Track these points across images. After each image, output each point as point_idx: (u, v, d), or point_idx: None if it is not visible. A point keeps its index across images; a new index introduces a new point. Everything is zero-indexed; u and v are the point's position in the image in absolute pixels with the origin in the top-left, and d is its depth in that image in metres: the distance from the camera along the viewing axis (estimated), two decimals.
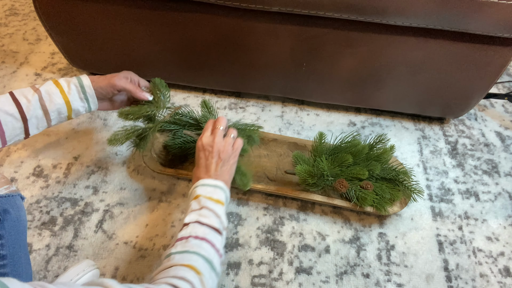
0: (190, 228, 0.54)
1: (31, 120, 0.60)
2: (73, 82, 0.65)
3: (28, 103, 0.59)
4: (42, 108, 0.61)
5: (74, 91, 0.64)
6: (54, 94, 0.62)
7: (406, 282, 0.72)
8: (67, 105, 0.64)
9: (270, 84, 0.96)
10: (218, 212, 0.57)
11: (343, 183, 0.74)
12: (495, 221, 0.82)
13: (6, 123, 0.57)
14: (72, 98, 0.64)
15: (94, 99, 0.67)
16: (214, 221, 0.56)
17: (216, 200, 0.59)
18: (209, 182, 0.61)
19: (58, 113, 0.63)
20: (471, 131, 1.00)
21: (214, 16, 0.80)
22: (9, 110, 0.58)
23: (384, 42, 0.79)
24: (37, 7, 0.84)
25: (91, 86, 0.66)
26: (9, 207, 0.53)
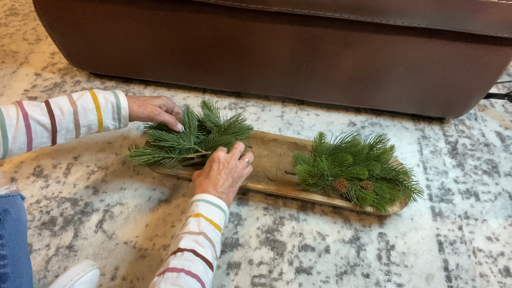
0: (184, 258, 0.52)
1: (61, 132, 0.61)
2: (111, 101, 0.65)
3: (61, 115, 0.60)
4: (74, 122, 0.62)
5: (110, 110, 0.65)
6: (90, 111, 0.63)
7: (406, 282, 0.72)
8: (99, 122, 0.64)
9: (270, 84, 0.96)
10: (214, 240, 0.57)
11: (343, 183, 0.74)
12: (495, 221, 0.82)
13: (35, 131, 0.58)
14: (106, 116, 0.65)
15: (126, 121, 0.68)
16: (209, 252, 0.55)
17: (216, 225, 0.59)
18: (214, 201, 0.61)
19: (88, 128, 0.64)
20: (471, 131, 1.00)
21: (214, 16, 0.80)
22: (41, 121, 0.58)
23: (384, 42, 0.79)
24: (37, 7, 0.84)
25: (127, 110, 0.67)
26: (9, 207, 0.53)
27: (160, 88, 1.05)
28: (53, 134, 0.60)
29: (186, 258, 0.52)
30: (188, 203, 0.80)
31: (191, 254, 0.53)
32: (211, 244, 0.56)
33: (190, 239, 0.55)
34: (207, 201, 0.61)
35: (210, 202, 0.61)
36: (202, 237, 0.56)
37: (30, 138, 0.57)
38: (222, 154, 0.67)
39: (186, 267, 0.51)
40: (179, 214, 0.79)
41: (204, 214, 0.59)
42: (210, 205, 0.61)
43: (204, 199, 0.61)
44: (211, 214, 0.59)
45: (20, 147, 0.57)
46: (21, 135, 0.56)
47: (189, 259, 0.52)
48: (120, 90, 0.69)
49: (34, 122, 0.57)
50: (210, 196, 0.62)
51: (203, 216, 0.58)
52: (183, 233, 0.56)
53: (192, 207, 0.61)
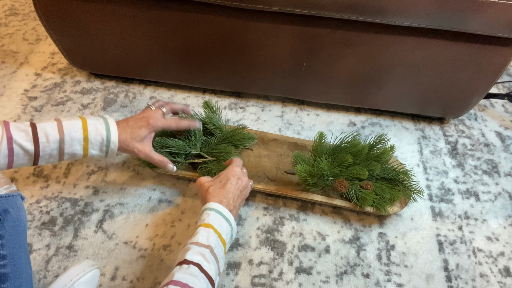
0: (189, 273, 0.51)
1: (43, 157, 0.60)
2: (101, 134, 0.62)
3: (46, 143, 0.58)
4: (59, 150, 0.60)
5: (98, 142, 0.62)
6: (77, 141, 0.61)
7: (406, 282, 0.72)
8: (84, 152, 0.62)
9: (270, 84, 0.96)
10: (219, 256, 0.57)
11: (343, 183, 0.74)
12: (495, 221, 0.82)
13: (18, 154, 0.57)
14: (92, 148, 0.62)
15: (113, 153, 0.65)
16: (213, 269, 0.55)
17: (223, 240, 0.59)
18: (226, 214, 0.61)
19: (72, 156, 0.62)
20: (471, 131, 1.00)
21: (214, 16, 0.80)
22: (25, 146, 0.57)
23: (384, 42, 0.79)
24: (37, 7, 0.84)
25: (117, 144, 0.64)
26: (9, 207, 0.53)
27: (160, 88, 1.05)
28: (35, 158, 0.59)
29: (191, 272, 0.52)
30: (189, 203, 0.81)
31: (196, 269, 0.52)
32: (215, 260, 0.56)
33: (197, 251, 0.54)
34: (220, 213, 0.61)
35: (222, 215, 0.61)
36: (209, 251, 0.55)
37: (11, 160, 0.57)
38: (239, 170, 0.69)
39: (190, 283, 0.50)
40: (179, 214, 0.79)
41: (214, 225, 0.58)
42: (222, 217, 0.61)
43: (217, 209, 0.61)
44: (220, 227, 0.59)
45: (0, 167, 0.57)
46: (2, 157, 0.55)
47: (194, 274, 0.52)
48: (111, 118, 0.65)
49: (17, 146, 0.56)
50: (223, 208, 0.62)
51: (213, 228, 0.58)
52: (191, 243, 0.56)
53: (203, 215, 0.60)
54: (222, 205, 0.62)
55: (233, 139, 0.83)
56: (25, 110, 0.97)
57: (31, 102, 0.99)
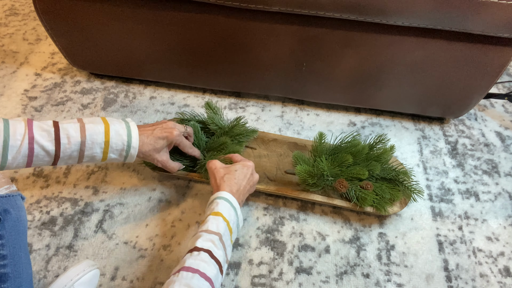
0: (200, 259, 0.53)
1: (63, 158, 0.59)
2: (122, 139, 0.62)
3: (68, 144, 0.58)
4: (79, 152, 0.60)
5: (119, 148, 0.62)
6: (98, 144, 0.60)
7: (406, 282, 0.72)
8: (103, 156, 0.62)
9: (270, 84, 0.96)
10: (226, 244, 0.58)
11: (343, 183, 0.74)
12: (495, 221, 0.82)
13: (38, 155, 0.57)
14: (112, 152, 0.62)
15: (132, 159, 0.65)
16: (222, 255, 0.56)
17: (230, 229, 0.60)
18: (235, 204, 0.63)
19: (91, 159, 0.62)
20: (471, 131, 1.00)
21: (214, 16, 0.80)
22: (46, 147, 0.56)
23: (384, 42, 0.79)
24: (37, 7, 0.84)
25: (137, 149, 0.64)
26: (9, 207, 0.53)
27: (160, 88, 1.05)
28: (55, 159, 0.59)
29: (202, 258, 0.53)
30: (189, 203, 0.81)
31: (207, 255, 0.54)
32: (223, 247, 0.57)
33: (208, 238, 0.56)
34: (229, 202, 0.62)
35: (231, 204, 0.62)
36: (218, 238, 0.57)
37: (30, 160, 0.56)
38: (253, 165, 0.70)
39: (201, 268, 0.51)
40: (179, 214, 0.79)
41: (223, 214, 0.60)
42: (230, 206, 0.62)
43: (227, 198, 0.62)
44: (229, 216, 0.61)
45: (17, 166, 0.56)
46: (22, 157, 0.55)
47: (204, 260, 0.53)
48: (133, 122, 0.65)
49: (38, 147, 0.56)
50: (234, 199, 0.63)
51: (223, 216, 0.59)
52: (201, 231, 0.57)
53: (213, 204, 0.61)
54: (233, 196, 0.63)
55: (234, 132, 0.83)
56: (25, 110, 0.96)
57: (31, 102, 0.99)
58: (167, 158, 0.70)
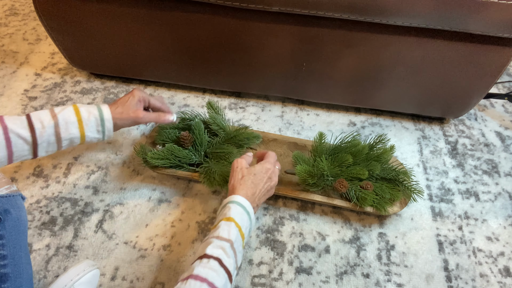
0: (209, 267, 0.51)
1: (42, 145, 0.60)
2: (94, 114, 0.64)
3: (42, 128, 0.59)
4: (55, 135, 0.61)
5: (93, 123, 0.64)
6: (71, 124, 0.62)
7: (406, 282, 0.72)
8: (81, 135, 0.64)
9: (270, 84, 0.96)
10: (237, 250, 0.57)
11: (343, 183, 0.74)
12: (495, 221, 0.82)
13: (16, 145, 0.57)
14: (88, 130, 0.64)
15: (110, 132, 0.67)
16: (232, 264, 0.55)
17: (242, 234, 0.59)
18: (248, 208, 0.61)
19: (70, 141, 0.63)
20: (471, 131, 1.00)
21: (214, 16, 0.80)
22: (22, 134, 0.57)
23: (384, 42, 0.79)
24: (37, 7, 0.84)
25: (111, 120, 0.66)
26: (10, 207, 0.53)
27: (160, 88, 1.05)
28: (34, 147, 0.59)
29: (211, 267, 0.51)
30: (189, 203, 0.81)
31: (216, 263, 0.52)
32: (234, 254, 0.56)
33: (218, 245, 0.54)
34: (242, 206, 0.60)
35: (244, 208, 0.60)
36: (229, 245, 0.55)
37: (10, 152, 0.57)
38: (273, 168, 0.68)
39: (210, 278, 0.50)
40: (179, 214, 0.79)
41: (236, 219, 0.58)
42: (243, 210, 0.60)
43: (240, 203, 0.61)
44: (241, 221, 0.59)
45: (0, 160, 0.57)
46: (1, 149, 0.56)
47: (214, 269, 0.51)
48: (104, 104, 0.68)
49: (14, 135, 0.57)
50: (248, 203, 0.61)
51: (235, 221, 0.58)
52: (212, 237, 0.56)
53: (225, 209, 0.60)
54: (247, 200, 0.62)
55: (237, 138, 0.83)
56: (25, 110, 0.96)
57: (31, 102, 0.99)
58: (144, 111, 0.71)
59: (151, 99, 0.74)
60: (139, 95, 0.71)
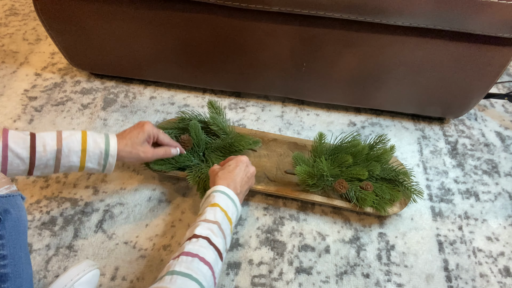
0: (199, 245, 0.54)
1: (39, 166, 0.59)
2: (99, 147, 0.62)
3: (43, 152, 0.58)
4: (55, 160, 0.60)
5: (96, 156, 0.62)
6: (74, 153, 0.61)
7: (406, 282, 0.72)
8: (81, 165, 0.62)
9: (270, 84, 0.96)
10: (226, 232, 0.59)
11: (343, 183, 0.74)
12: (495, 221, 0.82)
13: (12, 163, 0.57)
14: (90, 161, 0.62)
15: (111, 167, 0.65)
16: (221, 243, 0.57)
17: (229, 218, 0.61)
18: (231, 196, 0.64)
19: (68, 168, 0.62)
20: (471, 131, 1.00)
21: (214, 16, 0.80)
22: (20, 154, 0.56)
23: (384, 42, 0.79)
24: (37, 7, 0.85)
25: (116, 156, 0.64)
26: (9, 207, 0.53)
27: (160, 88, 1.05)
28: (31, 167, 0.58)
29: (200, 244, 0.54)
30: (189, 203, 0.81)
31: (205, 241, 0.55)
32: (223, 235, 0.58)
33: (206, 227, 0.57)
34: (226, 194, 0.63)
35: (228, 196, 0.63)
36: (217, 226, 0.58)
37: (4, 168, 0.56)
38: (246, 158, 0.72)
39: (200, 253, 0.53)
40: (179, 214, 0.79)
41: (220, 204, 0.61)
42: (228, 198, 0.63)
43: (223, 191, 0.63)
44: (226, 206, 0.62)
45: None
46: None
47: (203, 246, 0.54)
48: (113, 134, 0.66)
49: (12, 154, 0.56)
50: (230, 191, 0.64)
51: (220, 206, 0.61)
52: (199, 221, 0.58)
53: (210, 197, 0.63)
54: (229, 188, 0.64)
55: (237, 143, 0.82)
56: (25, 110, 0.97)
57: (31, 102, 0.99)
58: (151, 148, 0.70)
59: (160, 135, 0.73)
60: (149, 131, 0.69)
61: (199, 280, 0.50)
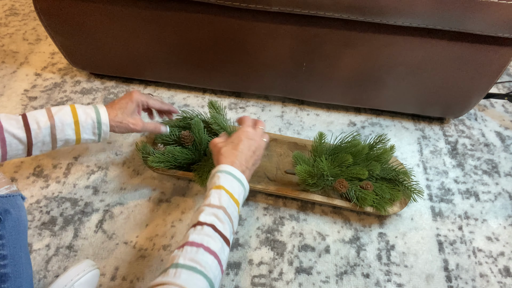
0: (204, 233, 0.52)
1: (37, 145, 0.60)
2: (91, 117, 0.64)
3: (38, 129, 0.59)
4: (51, 136, 0.61)
5: (90, 125, 0.64)
6: (68, 126, 0.62)
7: (406, 282, 0.72)
8: (76, 137, 0.63)
9: (270, 84, 0.96)
10: (233, 215, 0.57)
11: (343, 183, 0.74)
12: (495, 221, 0.82)
13: (10, 144, 0.57)
14: (84, 132, 0.64)
15: (106, 135, 0.67)
16: (227, 228, 0.55)
17: (235, 200, 0.59)
18: (237, 174, 0.61)
19: (65, 142, 0.63)
20: (471, 131, 1.00)
21: (214, 16, 0.80)
22: (17, 134, 0.57)
23: (384, 42, 0.79)
24: (37, 7, 0.85)
25: (108, 124, 0.65)
26: (10, 207, 0.53)
27: (160, 88, 1.05)
28: (29, 146, 0.59)
29: (205, 233, 0.52)
30: (189, 203, 0.81)
31: (210, 229, 0.53)
32: (229, 219, 0.56)
33: (210, 212, 0.55)
34: (231, 174, 0.60)
35: (233, 175, 0.60)
36: (222, 211, 0.56)
37: (4, 151, 0.57)
38: (251, 131, 0.67)
39: (205, 242, 0.51)
40: (179, 214, 0.79)
41: (225, 186, 0.58)
42: (233, 178, 0.60)
43: (228, 171, 0.60)
44: (232, 188, 0.59)
45: None
46: None
47: (208, 234, 0.52)
48: (102, 104, 0.67)
49: (9, 135, 0.57)
50: (235, 169, 0.61)
51: (224, 189, 0.58)
52: (204, 205, 0.56)
53: (214, 178, 0.60)
54: (233, 167, 0.61)
55: None
56: (25, 110, 0.97)
57: (31, 102, 0.99)
58: (141, 121, 0.70)
59: (150, 100, 0.74)
60: (138, 99, 0.70)
61: (204, 273, 0.49)
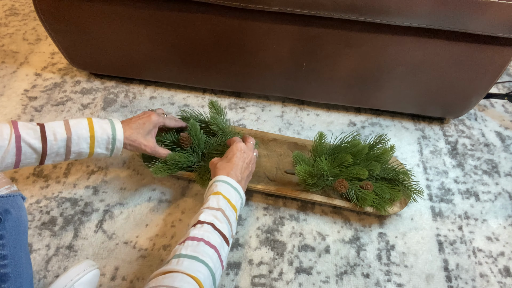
0: (204, 230, 0.55)
1: (50, 155, 0.61)
2: (107, 132, 0.64)
3: (54, 141, 0.60)
4: (66, 148, 0.62)
5: (104, 141, 0.65)
6: (83, 139, 0.63)
7: (406, 282, 0.72)
8: (90, 151, 0.64)
9: (270, 84, 0.96)
10: (231, 219, 0.60)
11: (343, 183, 0.74)
12: (495, 221, 0.82)
13: (25, 153, 0.58)
14: (98, 146, 0.65)
15: (118, 151, 0.67)
16: (226, 228, 0.58)
17: (233, 205, 0.62)
18: (233, 184, 0.65)
19: (78, 155, 0.64)
20: (471, 131, 1.00)
21: (214, 16, 0.80)
22: (33, 144, 0.58)
23: (384, 42, 0.79)
24: (37, 7, 0.84)
25: (123, 141, 0.66)
26: (10, 207, 0.53)
27: (160, 88, 1.05)
28: (42, 157, 0.60)
29: (205, 229, 0.55)
30: (189, 203, 0.81)
31: (210, 226, 0.56)
32: (227, 221, 0.59)
33: (210, 213, 0.58)
34: (227, 183, 0.64)
35: (230, 184, 0.64)
36: (221, 213, 0.59)
37: (18, 159, 0.58)
38: (243, 145, 0.72)
39: (205, 237, 0.54)
40: (179, 214, 0.79)
41: (223, 193, 0.62)
42: (230, 186, 0.64)
43: (224, 180, 0.64)
44: (229, 194, 0.63)
45: (6, 166, 0.58)
46: (10, 156, 0.57)
47: (208, 231, 0.55)
48: (116, 119, 0.68)
49: (25, 145, 0.57)
50: (231, 179, 0.65)
51: (222, 194, 0.62)
52: (203, 208, 0.59)
53: (212, 187, 0.64)
54: (229, 177, 0.65)
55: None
56: (25, 110, 0.97)
57: (31, 102, 0.99)
58: (154, 143, 0.72)
59: (166, 120, 0.75)
60: (155, 122, 0.72)
61: (206, 262, 0.51)
